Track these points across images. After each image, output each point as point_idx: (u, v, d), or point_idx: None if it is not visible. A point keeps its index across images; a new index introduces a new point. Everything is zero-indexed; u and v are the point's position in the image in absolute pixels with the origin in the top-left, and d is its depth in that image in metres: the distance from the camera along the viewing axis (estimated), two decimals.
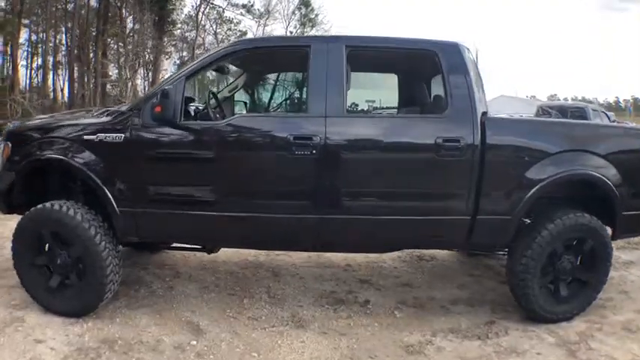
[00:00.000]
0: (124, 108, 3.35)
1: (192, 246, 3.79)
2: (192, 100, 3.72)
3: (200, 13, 31.17)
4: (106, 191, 3.17)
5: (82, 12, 23.46)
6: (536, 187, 3.19)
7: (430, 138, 3.15)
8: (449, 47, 3.35)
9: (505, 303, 3.71)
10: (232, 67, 4.16)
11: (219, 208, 3.20)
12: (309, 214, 3.20)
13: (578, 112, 14.38)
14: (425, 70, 3.88)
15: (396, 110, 4.40)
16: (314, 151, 3.10)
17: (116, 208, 3.19)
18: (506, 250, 3.52)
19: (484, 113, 3.27)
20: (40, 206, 3.28)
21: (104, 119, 3.32)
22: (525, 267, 3.26)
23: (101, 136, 3.19)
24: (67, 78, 23.21)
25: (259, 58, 3.97)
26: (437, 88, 4.35)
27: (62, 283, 3.34)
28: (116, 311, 3.47)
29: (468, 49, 3.45)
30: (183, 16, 31.87)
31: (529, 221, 3.46)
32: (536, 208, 3.37)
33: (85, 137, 3.22)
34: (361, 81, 4.59)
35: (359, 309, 3.67)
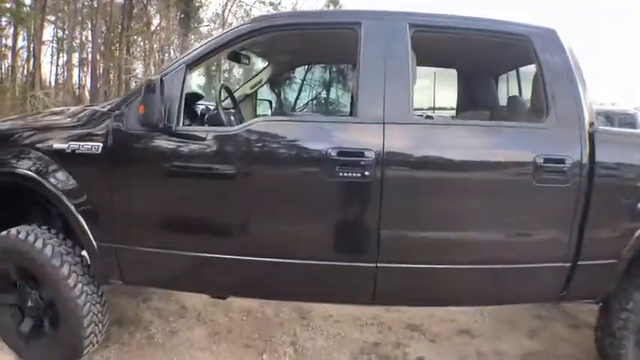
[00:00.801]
0: (106, 107, 2.55)
1: None
2: (198, 97, 2.91)
3: (227, 11, 30.73)
4: (80, 219, 2.40)
5: (108, 9, 23.20)
6: None
7: (527, 156, 2.29)
8: (547, 33, 2.46)
9: (583, 358, 3.05)
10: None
11: (232, 250, 2.39)
12: (360, 261, 2.36)
13: (627, 118, 13.20)
14: (502, 62, 3.01)
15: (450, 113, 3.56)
16: (366, 173, 2.23)
17: (93, 242, 2.42)
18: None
19: (591, 123, 2.42)
20: (3, 233, 2.56)
21: (79, 122, 2.54)
22: (625, 323, 2.56)
23: (74, 145, 2.41)
24: (89, 74, 22.98)
25: (289, 42, 3.08)
26: (504, 86, 3.52)
27: (36, 328, 2.65)
28: None
29: (566, 38, 2.58)
30: (210, 13, 31.52)
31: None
32: None
33: (55, 146, 2.44)
34: None
35: None
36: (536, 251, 2.40)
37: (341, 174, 2.24)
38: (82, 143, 2.40)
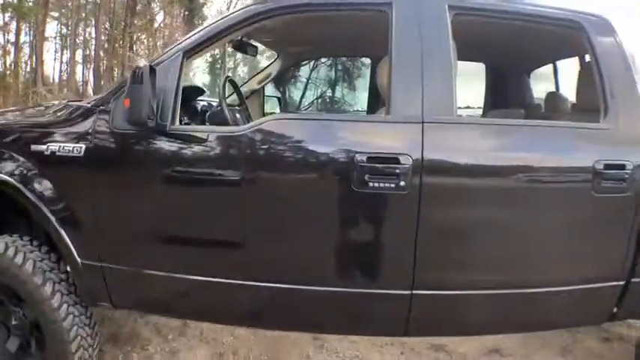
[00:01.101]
0: (91, 102, 2.21)
1: None
2: (199, 92, 2.59)
3: (231, 8, 30.45)
4: (62, 232, 2.08)
5: (111, 5, 22.98)
6: None
7: (586, 161, 1.97)
8: (601, 21, 2.13)
9: None
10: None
11: (238, 273, 2.06)
12: (391, 288, 2.02)
13: None
14: (543, 54, 2.68)
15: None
16: (402, 183, 1.88)
17: (77, 259, 2.10)
18: None
19: None
20: None
21: (60, 120, 2.22)
22: None
23: (53, 146, 2.09)
24: (92, 71, 22.71)
25: (302, 27, 2.72)
26: (541, 82, 3.20)
27: (23, 348, 2.36)
28: None
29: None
30: (214, 10, 31.23)
31: None
32: None
33: (33, 148, 2.12)
34: None
35: None
36: (590, 270, 2.11)
37: (371, 184, 1.89)
38: (61, 144, 2.08)
